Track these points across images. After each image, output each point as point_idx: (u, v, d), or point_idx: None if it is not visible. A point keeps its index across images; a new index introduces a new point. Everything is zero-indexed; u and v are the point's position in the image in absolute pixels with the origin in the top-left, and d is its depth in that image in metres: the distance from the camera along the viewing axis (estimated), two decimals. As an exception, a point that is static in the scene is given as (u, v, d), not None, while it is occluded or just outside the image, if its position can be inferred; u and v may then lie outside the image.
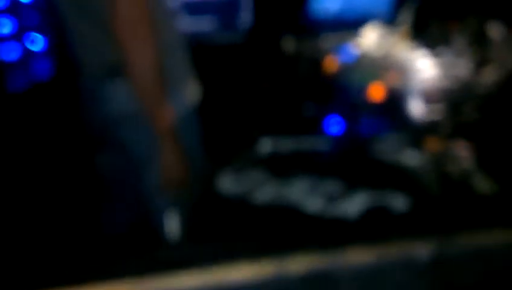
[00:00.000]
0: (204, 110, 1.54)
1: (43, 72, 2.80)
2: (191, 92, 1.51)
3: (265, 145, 1.35)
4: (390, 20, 2.32)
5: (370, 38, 1.99)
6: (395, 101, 1.58)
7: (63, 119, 2.36)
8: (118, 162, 1.58)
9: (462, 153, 1.31)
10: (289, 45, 2.18)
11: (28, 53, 2.75)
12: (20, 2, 2.70)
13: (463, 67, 1.72)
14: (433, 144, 1.32)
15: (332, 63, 1.85)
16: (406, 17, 1.93)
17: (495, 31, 1.78)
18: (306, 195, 1.16)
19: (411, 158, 1.28)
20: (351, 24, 2.24)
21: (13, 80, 2.70)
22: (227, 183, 1.22)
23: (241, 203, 1.15)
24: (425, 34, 1.92)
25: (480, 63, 1.77)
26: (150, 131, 1.39)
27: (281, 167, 1.26)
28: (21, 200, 2.28)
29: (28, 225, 2.09)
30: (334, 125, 1.42)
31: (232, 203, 1.16)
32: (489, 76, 1.68)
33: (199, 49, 2.21)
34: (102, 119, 1.46)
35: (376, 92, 1.61)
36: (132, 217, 1.67)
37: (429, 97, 1.59)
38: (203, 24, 2.90)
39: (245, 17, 2.89)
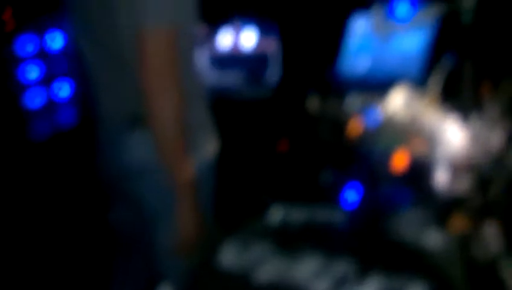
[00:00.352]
0: (217, 167, 1.48)
1: (66, 120, 2.81)
2: (210, 146, 1.46)
3: (276, 214, 1.27)
4: (420, 83, 2.25)
5: (397, 101, 1.91)
6: (420, 171, 1.48)
7: (82, 169, 2.33)
8: (131, 217, 1.53)
9: (492, 235, 1.20)
10: (313, 103, 2.12)
11: (53, 100, 2.77)
12: (49, 48, 2.73)
13: (496, 138, 1.62)
14: (458, 223, 1.21)
15: (356, 125, 1.78)
16: (437, 80, 1.85)
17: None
18: (314, 276, 1.05)
19: (433, 238, 1.17)
20: (379, 85, 2.17)
21: (37, 128, 2.70)
22: (229, 254, 1.13)
23: (242, 280, 1.05)
24: (457, 99, 1.84)
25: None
26: (166, 186, 1.34)
27: (290, 240, 1.17)
28: (35, 248, 2.25)
29: (38, 277, 2.05)
30: (352, 195, 1.33)
31: (232, 280, 1.07)
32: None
33: (223, 103, 2.18)
34: (119, 170, 1.43)
35: (400, 161, 1.51)
36: (142, 277, 1.61)
37: (457, 169, 1.49)
38: (231, 78, 2.90)
39: (272, 73, 2.87)
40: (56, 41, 2.78)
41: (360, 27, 2.63)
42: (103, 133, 1.49)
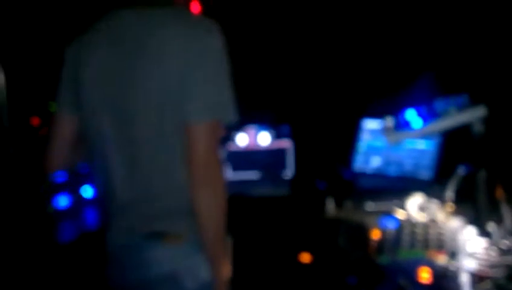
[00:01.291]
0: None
1: (92, 221, 2.87)
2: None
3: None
4: (430, 184, 2.32)
5: (415, 209, 1.97)
6: (443, 283, 1.51)
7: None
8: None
9: None
10: (331, 208, 2.18)
11: (79, 201, 2.86)
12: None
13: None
14: None
15: (376, 234, 1.82)
16: (452, 188, 1.91)
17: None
18: None
19: None
20: (392, 186, 2.23)
21: (64, 230, 2.77)
22: None
23: None
24: (472, 206, 1.89)
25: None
26: None
27: None
28: None
29: None
30: None
31: None
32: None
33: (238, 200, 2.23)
34: (138, 282, 1.46)
35: (424, 272, 1.55)
36: None
37: (478, 279, 1.52)
38: (248, 175, 2.98)
39: (289, 172, 2.95)
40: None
41: (371, 130, 2.74)
42: (116, 245, 1.50)
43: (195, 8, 2.71)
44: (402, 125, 2.00)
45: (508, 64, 2.17)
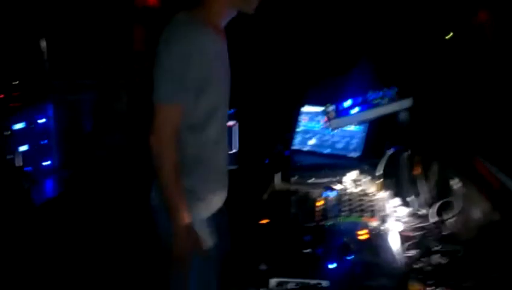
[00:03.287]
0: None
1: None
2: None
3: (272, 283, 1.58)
4: (359, 160, 2.70)
5: (351, 182, 2.34)
6: (377, 242, 1.87)
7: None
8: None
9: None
10: (278, 181, 2.50)
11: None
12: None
13: (430, 212, 2.06)
14: (414, 288, 1.58)
15: (320, 203, 2.16)
16: (381, 166, 2.29)
17: (455, 180, 2.14)
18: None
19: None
20: (332, 167, 2.58)
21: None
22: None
23: None
24: (397, 182, 2.29)
25: (444, 208, 2.12)
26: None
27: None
28: None
29: None
30: (330, 263, 1.67)
31: None
32: (454, 223, 2.02)
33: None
34: None
35: (362, 234, 1.90)
36: None
37: (405, 240, 1.90)
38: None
39: (234, 148, 3.24)
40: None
41: (308, 114, 3.09)
42: None
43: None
44: (342, 112, 2.34)
45: (429, 65, 2.59)
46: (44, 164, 3.22)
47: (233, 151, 3.23)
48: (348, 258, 1.70)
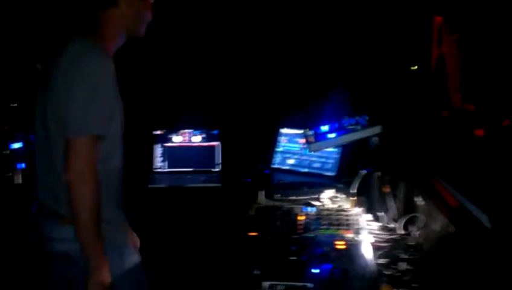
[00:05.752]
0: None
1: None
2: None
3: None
4: (334, 178, 2.98)
5: (328, 199, 2.62)
6: (353, 251, 2.13)
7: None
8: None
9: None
10: (261, 198, 2.75)
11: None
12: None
13: (398, 226, 2.34)
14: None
15: (301, 217, 2.42)
16: (355, 186, 2.58)
17: (419, 197, 2.43)
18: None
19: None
20: (310, 186, 2.85)
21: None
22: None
23: None
24: (368, 199, 2.57)
25: (410, 222, 2.40)
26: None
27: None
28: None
29: None
30: (314, 270, 1.92)
31: None
32: (418, 235, 2.30)
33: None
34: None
35: (339, 244, 2.16)
36: None
37: (374, 248, 2.17)
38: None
39: (217, 168, 3.49)
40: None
41: (287, 136, 3.37)
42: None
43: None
44: (320, 137, 2.61)
45: (396, 96, 2.90)
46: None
47: (217, 170, 3.48)
48: (328, 264, 1.95)
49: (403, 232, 2.33)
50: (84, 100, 1.63)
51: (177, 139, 3.48)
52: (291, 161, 3.31)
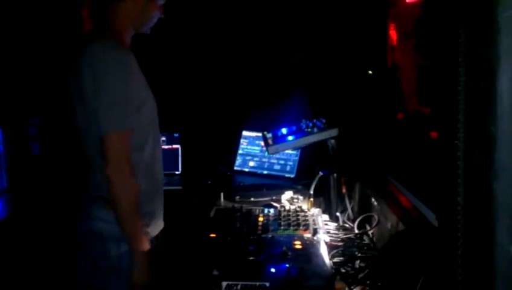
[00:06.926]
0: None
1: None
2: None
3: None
4: (294, 179, 3.05)
5: (287, 200, 2.68)
6: (310, 250, 2.19)
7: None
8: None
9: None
10: (222, 199, 2.79)
11: None
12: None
13: (354, 225, 2.43)
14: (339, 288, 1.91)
15: (261, 218, 2.47)
16: (313, 187, 2.64)
17: (375, 200, 2.53)
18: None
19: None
20: (270, 187, 2.91)
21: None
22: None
23: None
24: (326, 200, 2.65)
25: (365, 221, 2.49)
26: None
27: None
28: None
29: None
30: (273, 269, 1.97)
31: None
32: (372, 233, 2.39)
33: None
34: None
35: (296, 242, 2.22)
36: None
37: (331, 247, 2.24)
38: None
39: (178, 170, 3.51)
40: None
41: (248, 138, 3.42)
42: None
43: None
44: (279, 139, 2.67)
45: (352, 100, 2.99)
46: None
47: (178, 173, 3.51)
48: (286, 263, 2.00)
49: (358, 231, 2.41)
50: (110, 98, 1.73)
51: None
52: (252, 163, 3.36)
